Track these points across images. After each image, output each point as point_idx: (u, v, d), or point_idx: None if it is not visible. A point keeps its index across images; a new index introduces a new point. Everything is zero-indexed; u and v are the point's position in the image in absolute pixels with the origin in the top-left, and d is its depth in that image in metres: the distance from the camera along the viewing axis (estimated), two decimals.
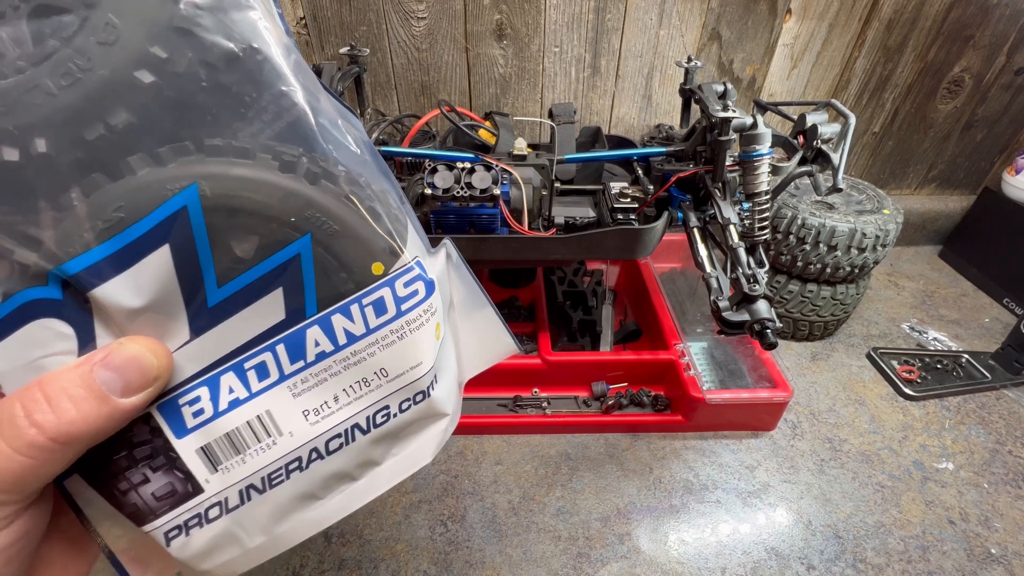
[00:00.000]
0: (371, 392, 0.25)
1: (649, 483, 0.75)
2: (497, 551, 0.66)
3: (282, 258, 0.22)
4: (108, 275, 0.20)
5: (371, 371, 0.24)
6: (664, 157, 0.77)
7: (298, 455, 0.24)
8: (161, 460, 0.22)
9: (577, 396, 0.85)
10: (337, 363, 0.24)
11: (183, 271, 0.21)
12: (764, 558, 0.66)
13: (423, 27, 0.96)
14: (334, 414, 0.24)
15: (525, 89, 1.04)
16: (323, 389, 0.24)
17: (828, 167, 0.68)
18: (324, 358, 0.24)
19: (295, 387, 0.24)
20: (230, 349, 0.23)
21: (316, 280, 0.23)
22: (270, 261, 0.22)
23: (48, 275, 0.19)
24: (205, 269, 0.21)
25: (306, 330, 0.23)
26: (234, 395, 0.23)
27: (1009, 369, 0.93)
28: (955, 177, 1.29)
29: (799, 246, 0.89)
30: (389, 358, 0.24)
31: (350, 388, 0.24)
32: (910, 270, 1.26)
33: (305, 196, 0.21)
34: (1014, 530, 0.71)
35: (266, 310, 0.22)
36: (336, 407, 0.24)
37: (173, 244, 0.20)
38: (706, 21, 0.99)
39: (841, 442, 0.82)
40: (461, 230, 0.70)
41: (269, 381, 0.23)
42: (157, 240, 0.20)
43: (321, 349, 0.23)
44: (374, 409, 0.25)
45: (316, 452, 0.24)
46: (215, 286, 0.21)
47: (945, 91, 1.12)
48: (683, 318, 0.99)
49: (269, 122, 0.20)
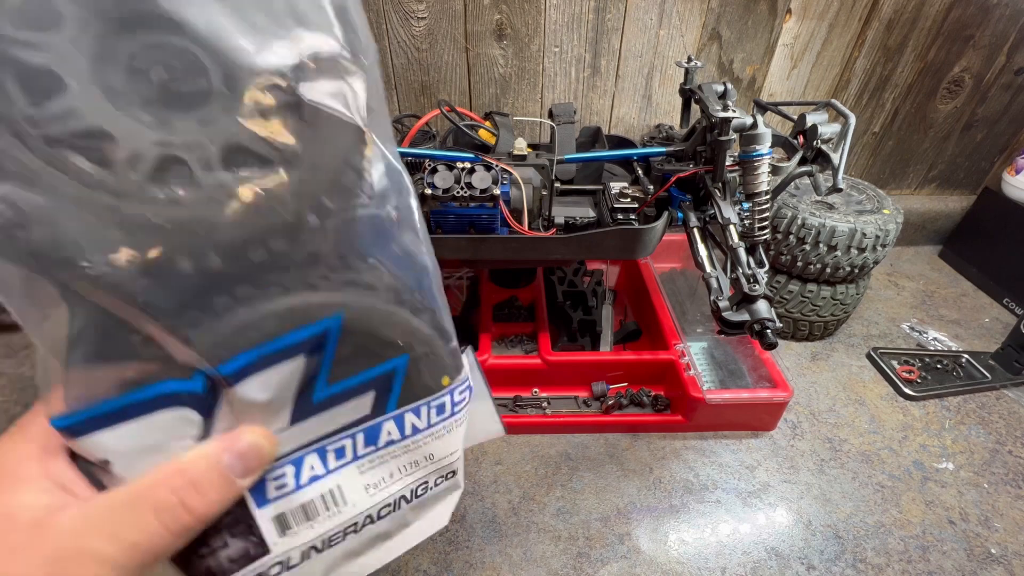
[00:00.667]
0: (418, 471, 0.30)
1: (649, 483, 0.75)
2: (497, 551, 0.66)
3: (382, 370, 0.27)
4: (249, 375, 0.23)
5: (422, 456, 0.30)
6: (664, 157, 0.77)
7: (355, 520, 0.28)
8: (241, 527, 0.25)
9: (577, 396, 0.85)
10: (399, 449, 0.29)
11: (306, 375, 0.24)
12: (764, 558, 0.66)
13: (423, 27, 0.96)
14: (388, 487, 0.29)
15: (525, 89, 1.04)
16: (384, 468, 0.29)
17: (828, 167, 0.68)
18: (391, 445, 0.28)
19: (363, 466, 0.28)
20: (319, 436, 0.26)
21: (402, 387, 0.28)
22: (372, 371, 0.26)
23: (194, 370, 0.22)
24: (322, 374, 0.25)
25: (383, 423, 0.28)
26: (313, 472, 0.26)
27: (1009, 369, 0.93)
28: (955, 177, 1.29)
29: (799, 246, 0.89)
30: (437, 447, 0.30)
31: (403, 467, 0.29)
32: (910, 270, 1.26)
33: (412, 326, 0.27)
34: (1014, 530, 0.71)
35: (356, 407, 0.27)
36: (391, 482, 0.29)
37: (308, 355, 0.24)
38: (706, 21, 0.99)
39: (841, 442, 0.82)
40: (461, 230, 0.70)
41: (344, 461, 0.27)
42: (297, 351, 0.24)
43: (391, 438, 0.28)
44: (418, 484, 0.30)
45: (369, 518, 0.29)
46: (324, 386, 0.25)
47: (945, 91, 1.12)
48: (683, 318, 0.99)
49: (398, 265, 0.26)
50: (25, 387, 0.83)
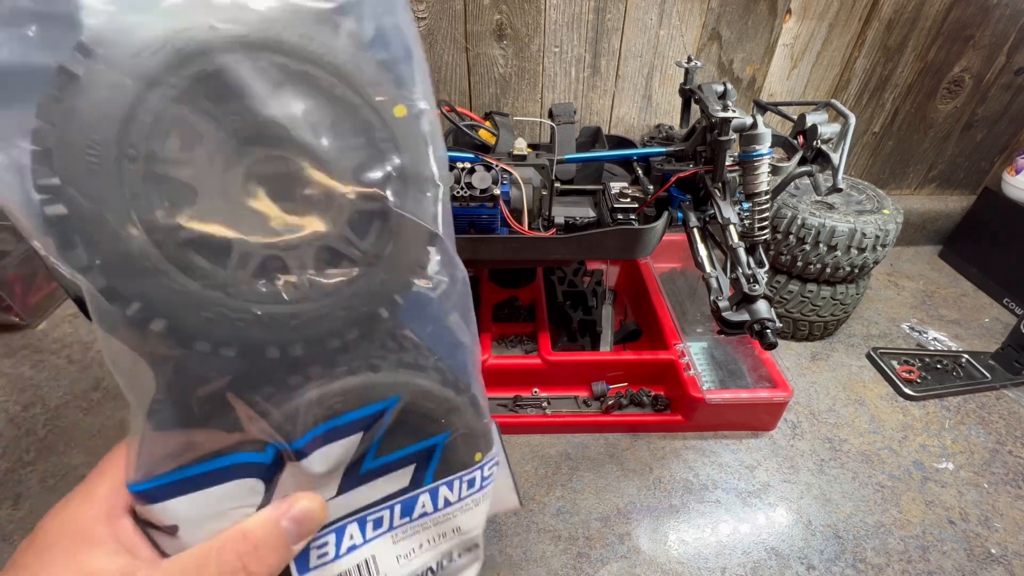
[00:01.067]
0: (445, 543, 0.31)
1: (649, 483, 0.75)
2: (497, 551, 0.66)
3: (425, 445, 0.28)
4: (314, 449, 0.24)
5: (450, 528, 0.31)
6: (664, 157, 0.77)
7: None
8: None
9: (577, 396, 0.85)
10: (431, 521, 0.30)
11: (360, 450, 0.26)
12: (764, 558, 0.66)
13: (423, 27, 0.96)
14: (417, 559, 0.30)
15: (525, 89, 1.04)
16: (415, 539, 0.30)
17: (828, 167, 0.68)
18: (424, 517, 0.30)
19: (396, 536, 0.29)
20: (362, 505, 0.28)
21: (439, 462, 0.29)
22: (416, 446, 0.28)
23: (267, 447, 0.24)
24: (373, 448, 0.26)
25: (419, 496, 0.29)
26: (352, 541, 0.27)
27: (1009, 369, 0.93)
28: (955, 177, 1.29)
29: (799, 246, 0.89)
30: (465, 520, 0.31)
31: (433, 539, 0.30)
32: (910, 270, 1.26)
33: (455, 405, 0.29)
34: (1014, 530, 0.71)
35: (398, 478, 0.28)
36: (419, 553, 0.30)
37: (366, 431, 0.26)
38: (706, 21, 0.99)
39: (841, 442, 0.82)
40: (461, 230, 0.70)
41: (381, 531, 0.28)
42: (357, 428, 0.25)
43: (424, 510, 0.30)
44: (443, 556, 0.31)
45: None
46: (372, 459, 0.27)
47: (945, 91, 1.12)
48: (683, 318, 0.99)
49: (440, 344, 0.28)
50: (25, 388, 0.83)
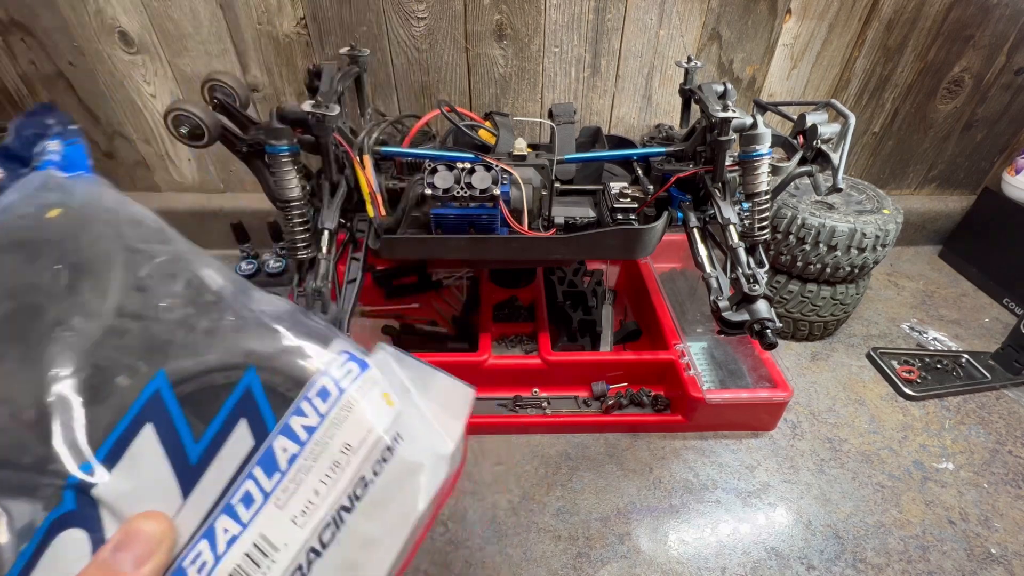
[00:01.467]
0: (344, 470, 0.26)
1: (649, 483, 0.75)
2: (497, 551, 0.66)
3: (236, 395, 0.25)
4: (105, 472, 0.23)
5: (337, 451, 0.26)
6: (664, 157, 0.77)
7: (298, 562, 0.25)
8: None
9: (577, 396, 0.85)
10: (307, 458, 0.26)
11: (167, 441, 0.24)
12: (764, 558, 0.66)
13: (423, 27, 0.96)
14: (319, 508, 0.26)
15: (525, 89, 1.04)
16: (303, 490, 0.26)
17: (828, 167, 0.68)
18: (295, 459, 0.26)
19: (279, 499, 0.25)
20: (218, 493, 0.25)
21: (269, 399, 0.26)
22: (228, 401, 0.25)
23: (62, 492, 0.23)
24: (182, 432, 0.24)
25: (273, 443, 0.26)
26: (229, 534, 0.24)
27: (1009, 369, 0.93)
28: (955, 177, 1.29)
29: (799, 246, 0.89)
30: (348, 432, 0.27)
31: (325, 476, 0.26)
32: (910, 270, 1.26)
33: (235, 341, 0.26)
34: (1014, 530, 0.71)
35: (238, 443, 0.25)
36: (319, 500, 0.26)
37: (154, 422, 0.24)
38: (706, 21, 0.99)
39: (841, 442, 0.82)
40: (461, 230, 0.70)
41: (256, 505, 0.25)
42: (140, 423, 0.24)
43: (290, 453, 0.26)
44: (352, 484, 0.27)
45: (313, 551, 0.25)
46: (192, 443, 0.25)
47: (945, 91, 1.12)
48: (683, 318, 0.99)
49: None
50: None
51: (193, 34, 0.96)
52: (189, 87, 1.03)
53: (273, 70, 1.01)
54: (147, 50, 0.98)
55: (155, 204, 1.17)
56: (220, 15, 0.94)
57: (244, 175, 1.16)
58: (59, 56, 0.99)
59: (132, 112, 1.06)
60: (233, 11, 0.94)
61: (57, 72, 1.01)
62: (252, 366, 0.26)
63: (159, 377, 0.24)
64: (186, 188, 1.19)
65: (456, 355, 0.84)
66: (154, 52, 0.99)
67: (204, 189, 1.19)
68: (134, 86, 1.03)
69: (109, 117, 1.07)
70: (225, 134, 0.64)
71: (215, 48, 0.98)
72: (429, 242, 0.70)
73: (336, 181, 0.69)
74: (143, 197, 1.19)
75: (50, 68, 1.00)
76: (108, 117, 1.07)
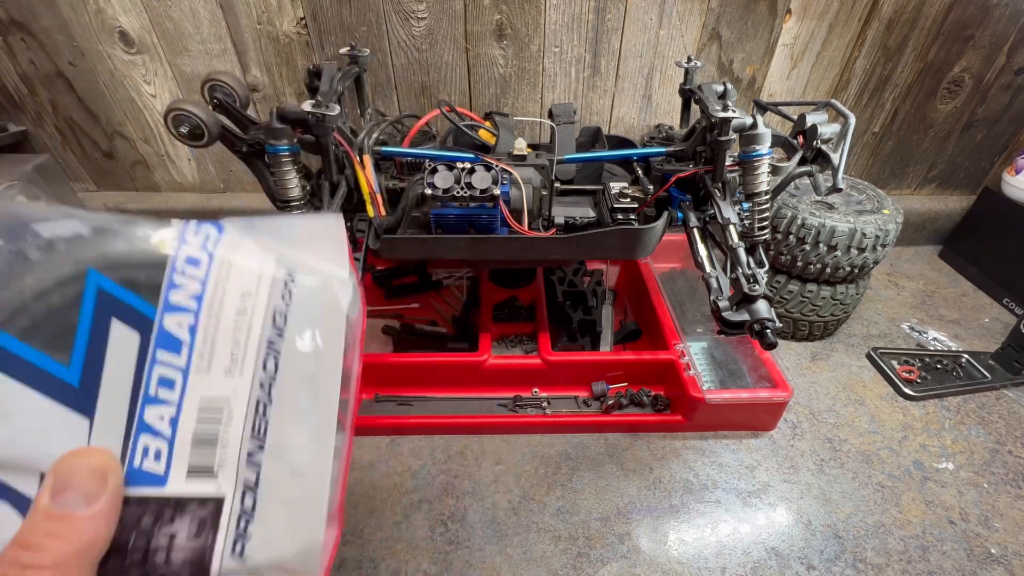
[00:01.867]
0: (253, 312, 0.25)
1: (649, 483, 0.75)
2: (497, 551, 0.66)
3: (90, 303, 0.23)
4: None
5: (236, 300, 0.25)
6: (664, 157, 0.77)
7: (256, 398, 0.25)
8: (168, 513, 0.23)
9: (577, 396, 0.85)
10: (207, 319, 0.25)
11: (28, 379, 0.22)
12: (764, 558, 0.66)
13: (423, 27, 0.96)
14: (247, 350, 0.25)
15: (525, 89, 1.04)
16: (220, 345, 0.25)
17: (828, 167, 0.68)
18: (195, 328, 0.25)
19: (199, 365, 0.24)
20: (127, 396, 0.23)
21: (132, 291, 0.24)
22: (84, 314, 0.23)
23: None
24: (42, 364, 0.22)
25: (163, 323, 0.24)
26: (166, 417, 0.23)
27: (1009, 369, 0.93)
28: (955, 177, 1.29)
29: (799, 246, 0.89)
30: (237, 282, 0.26)
31: (236, 326, 0.25)
32: (910, 270, 1.26)
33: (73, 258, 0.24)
34: (1014, 530, 0.71)
35: (121, 343, 0.24)
36: (243, 346, 0.25)
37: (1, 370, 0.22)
38: (706, 21, 0.99)
39: (841, 442, 0.82)
40: (461, 230, 0.70)
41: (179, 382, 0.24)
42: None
43: (186, 323, 0.24)
44: (268, 317, 0.26)
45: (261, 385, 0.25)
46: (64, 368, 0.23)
47: (945, 91, 1.12)
48: (683, 318, 0.99)
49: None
50: None
51: (193, 34, 0.96)
52: (189, 87, 1.03)
53: (273, 70, 1.01)
54: (147, 50, 0.98)
55: (155, 204, 1.17)
56: (220, 15, 0.94)
57: (244, 175, 1.16)
58: (59, 56, 0.99)
59: (132, 112, 1.06)
60: (233, 11, 0.94)
61: (57, 72, 1.01)
62: (91, 268, 0.24)
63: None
64: (186, 188, 1.19)
65: (456, 355, 0.84)
66: (154, 52, 0.99)
67: (204, 189, 1.19)
68: (134, 86, 1.03)
69: (109, 117, 1.07)
70: (225, 134, 0.64)
71: (215, 48, 0.98)
72: (429, 242, 0.70)
73: (336, 181, 0.69)
74: (143, 197, 1.19)
75: (50, 68, 1.00)
76: (108, 117, 1.07)
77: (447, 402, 0.83)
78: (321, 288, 0.28)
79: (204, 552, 0.23)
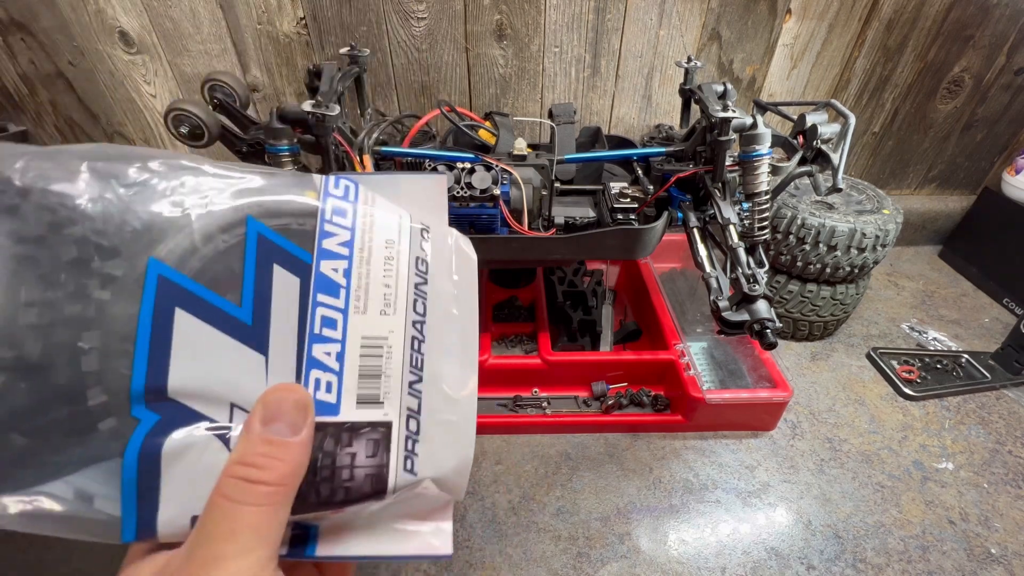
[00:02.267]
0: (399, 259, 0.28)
1: (649, 483, 0.75)
2: (497, 551, 0.66)
3: (252, 248, 0.25)
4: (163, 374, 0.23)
5: (382, 248, 0.28)
6: (664, 157, 0.77)
7: (411, 335, 0.27)
8: (347, 437, 0.25)
9: (577, 396, 0.85)
10: (360, 266, 0.27)
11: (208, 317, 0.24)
12: (764, 558, 0.66)
13: (423, 27, 0.96)
14: (398, 294, 0.27)
15: (525, 89, 1.04)
16: (374, 290, 0.27)
17: (828, 167, 0.68)
18: (350, 272, 0.27)
19: (357, 307, 0.26)
20: (295, 335, 0.25)
21: (288, 238, 0.26)
22: (248, 257, 0.25)
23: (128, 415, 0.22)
24: (217, 303, 0.24)
25: (320, 268, 0.26)
26: (332, 354, 0.26)
27: (1009, 369, 0.93)
28: (955, 177, 1.29)
29: (799, 246, 0.89)
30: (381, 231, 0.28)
31: (385, 272, 0.27)
32: (910, 270, 1.26)
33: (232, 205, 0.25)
34: (1014, 530, 0.71)
35: (283, 286, 0.25)
36: (393, 288, 0.27)
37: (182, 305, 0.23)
38: (706, 21, 0.99)
39: (841, 442, 0.82)
40: (461, 230, 0.69)
41: (340, 322, 0.26)
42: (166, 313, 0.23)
43: (341, 269, 0.27)
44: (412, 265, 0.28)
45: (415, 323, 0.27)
46: (236, 308, 0.24)
47: (945, 91, 1.12)
48: (683, 318, 0.99)
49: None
50: None
51: (193, 34, 0.96)
52: (189, 87, 1.03)
53: (273, 70, 1.01)
54: (147, 50, 0.98)
55: None
56: (220, 15, 0.94)
57: None
58: (59, 56, 0.99)
59: (132, 112, 1.06)
60: (233, 11, 0.94)
61: (57, 72, 1.01)
62: (249, 216, 0.25)
63: (152, 265, 0.23)
64: None
65: None
66: (154, 52, 0.99)
67: None
68: (134, 86, 1.03)
69: (109, 117, 1.07)
70: (225, 134, 0.64)
71: (215, 48, 0.98)
72: None
73: None
74: None
75: (50, 68, 1.00)
76: (108, 117, 1.07)
77: None
78: (449, 238, 0.31)
79: (381, 468, 0.25)
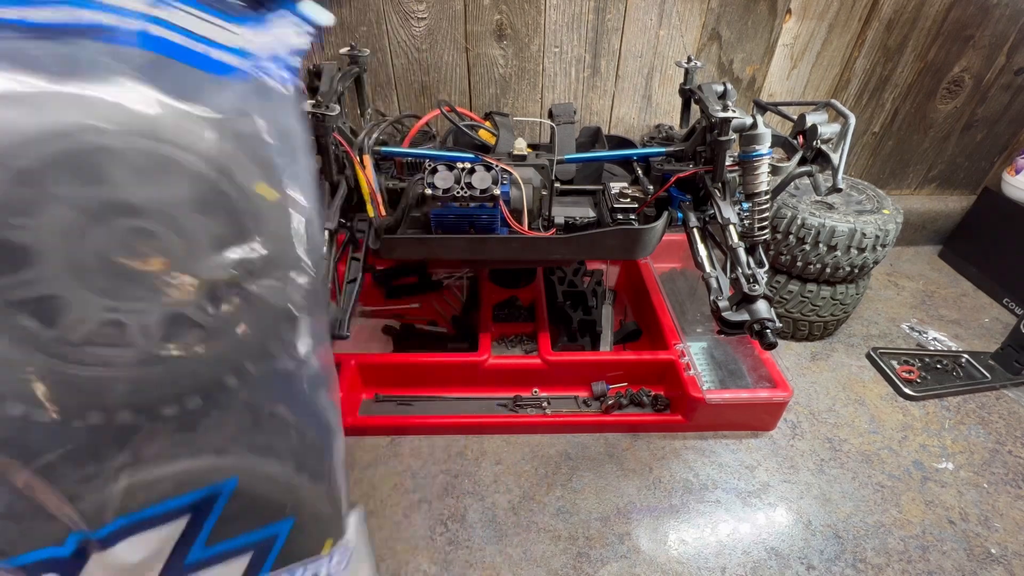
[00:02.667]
0: None
1: (649, 483, 0.75)
2: (497, 551, 0.66)
3: (266, 534, 0.25)
4: (125, 537, 0.23)
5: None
6: (664, 157, 0.77)
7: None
8: None
9: (577, 396, 0.85)
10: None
11: (185, 536, 0.24)
12: (764, 558, 0.66)
13: (423, 27, 0.96)
14: None
15: (525, 89, 1.04)
16: None
17: (828, 167, 0.68)
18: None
19: None
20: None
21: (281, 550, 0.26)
22: (255, 534, 0.25)
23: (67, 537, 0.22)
24: (201, 536, 0.24)
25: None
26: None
27: (1009, 369, 0.93)
28: (955, 177, 1.29)
29: (799, 246, 0.89)
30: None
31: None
32: (910, 270, 1.26)
33: (304, 494, 0.26)
34: (1014, 530, 0.71)
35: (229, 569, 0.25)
36: None
37: (192, 516, 0.24)
38: (706, 21, 0.99)
39: (841, 442, 0.82)
40: (461, 230, 0.70)
41: None
42: (182, 513, 0.23)
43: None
44: None
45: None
46: (202, 548, 0.24)
47: (945, 91, 1.12)
48: (683, 318, 0.99)
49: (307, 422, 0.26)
50: None
51: None
52: None
53: None
54: None
55: None
56: None
57: None
58: None
59: None
60: None
61: None
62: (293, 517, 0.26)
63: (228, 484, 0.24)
64: None
65: (456, 355, 0.84)
66: None
67: None
68: None
69: None
70: None
71: None
72: (429, 242, 0.70)
73: (336, 181, 0.69)
74: None
75: None
76: None
77: (447, 402, 0.83)
78: None
79: None
